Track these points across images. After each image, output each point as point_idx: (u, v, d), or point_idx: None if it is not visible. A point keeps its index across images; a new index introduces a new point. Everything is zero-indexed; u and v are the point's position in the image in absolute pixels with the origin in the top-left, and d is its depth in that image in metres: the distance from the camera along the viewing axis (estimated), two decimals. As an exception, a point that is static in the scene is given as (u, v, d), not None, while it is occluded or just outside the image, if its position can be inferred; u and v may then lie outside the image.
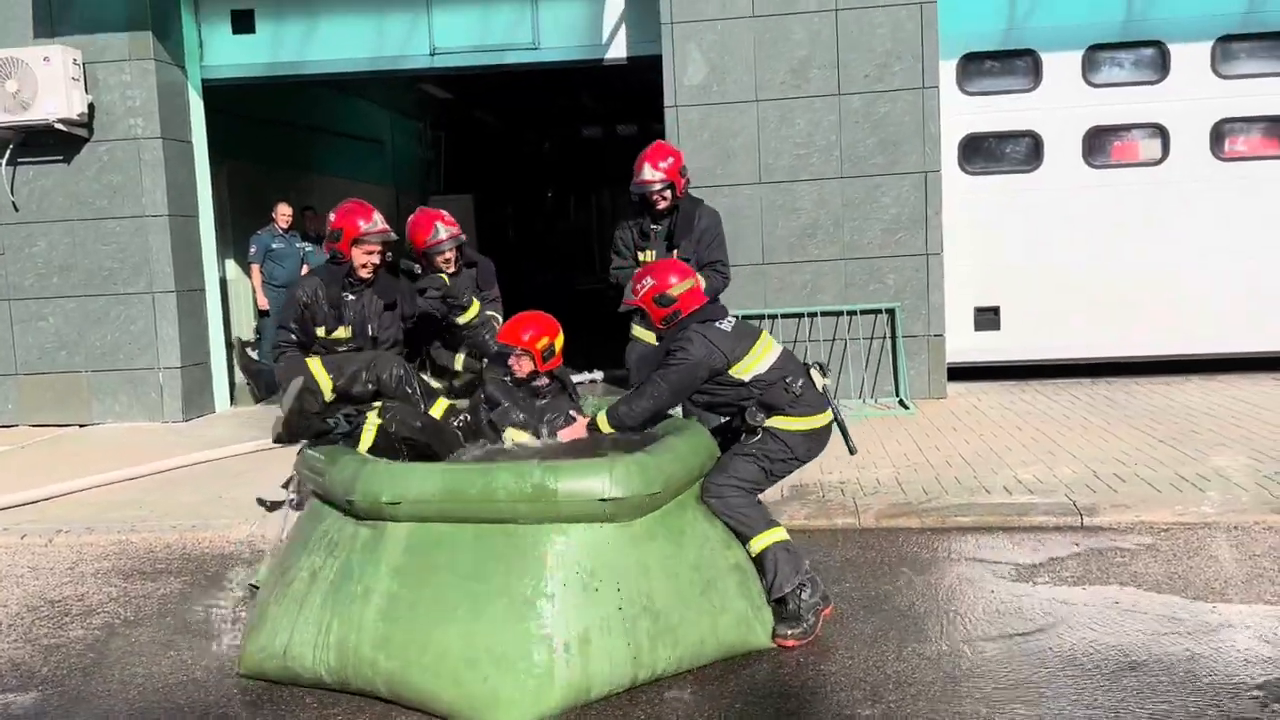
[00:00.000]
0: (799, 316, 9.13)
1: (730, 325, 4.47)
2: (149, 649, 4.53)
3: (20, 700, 4.09)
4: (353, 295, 5.11)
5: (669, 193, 5.82)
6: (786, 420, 4.38)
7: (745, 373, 4.37)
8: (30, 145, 9.43)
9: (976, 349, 9.74)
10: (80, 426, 9.59)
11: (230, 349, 10.19)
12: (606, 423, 4.43)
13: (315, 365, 4.99)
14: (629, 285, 4.80)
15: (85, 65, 9.29)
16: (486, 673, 3.67)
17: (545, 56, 9.79)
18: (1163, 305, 9.54)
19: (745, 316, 5.19)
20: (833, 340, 9.14)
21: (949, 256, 9.23)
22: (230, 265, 11.86)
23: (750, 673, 4.02)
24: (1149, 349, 9.65)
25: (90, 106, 9.35)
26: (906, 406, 8.81)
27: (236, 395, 10.39)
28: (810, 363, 4.57)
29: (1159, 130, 9.54)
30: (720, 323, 4.46)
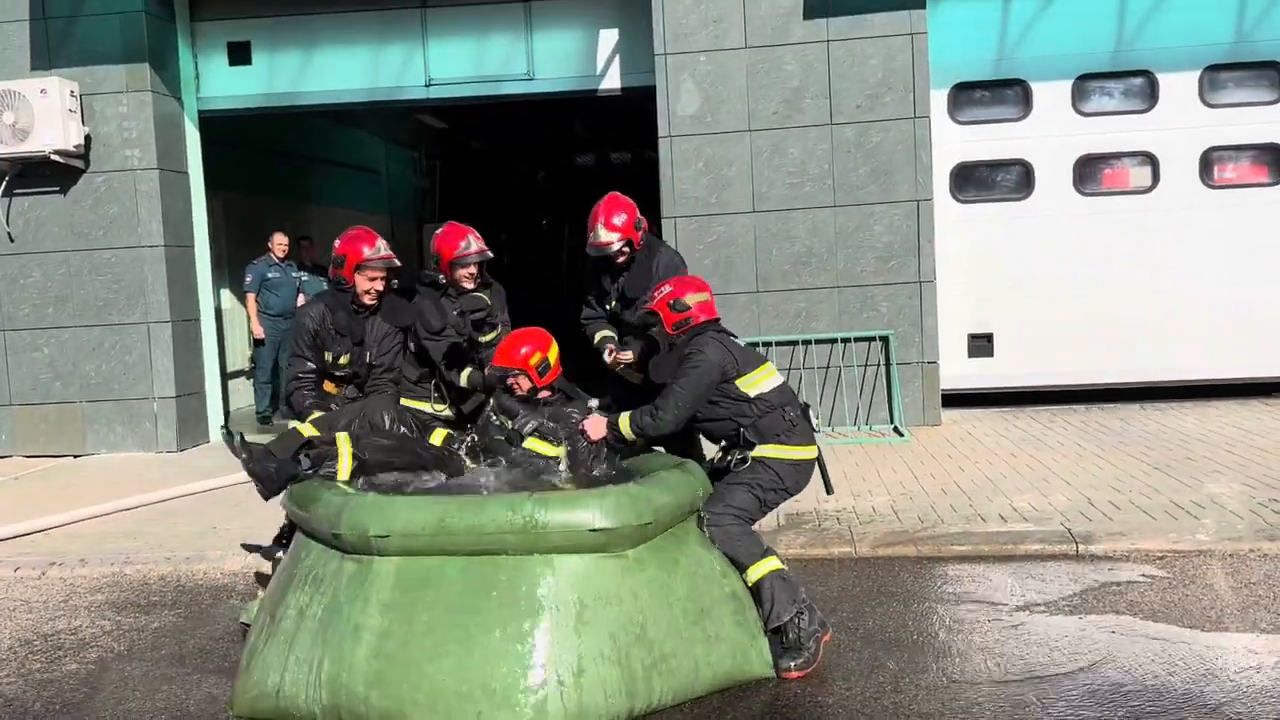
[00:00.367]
0: (794, 344, 9.16)
1: (741, 343, 4.72)
2: (142, 684, 4.51)
3: (12, 736, 4.07)
4: (355, 321, 5.14)
5: (628, 249, 5.59)
6: (778, 449, 4.46)
7: (751, 388, 4.48)
8: (27, 176, 9.47)
9: (970, 376, 9.78)
10: (75, 457, 9.56)
11: (225, 377, 10.04)
12: (629, 427, 4.50)
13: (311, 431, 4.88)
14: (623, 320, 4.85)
15: (82, 96, 9.34)
16: (480, 708, 3.65)
17: (540, 87, 9.87)
18: (1154, 332, 9.58)
19: (740, 345, 5.23)
20: (827, 368, 9.17)
21: (942, 284, 9.27)
22: (225, 295, 11.86)
23: (748, 704, 4.01)
24: (1141, 375, 9.69)
25: (87, 138, 9.39)
26: (901, 434, 8.82)
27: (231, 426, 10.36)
28: (803, 403, 4.68)
29: (1148, 158, 9.62)
30: (731, 337, 4.69)
